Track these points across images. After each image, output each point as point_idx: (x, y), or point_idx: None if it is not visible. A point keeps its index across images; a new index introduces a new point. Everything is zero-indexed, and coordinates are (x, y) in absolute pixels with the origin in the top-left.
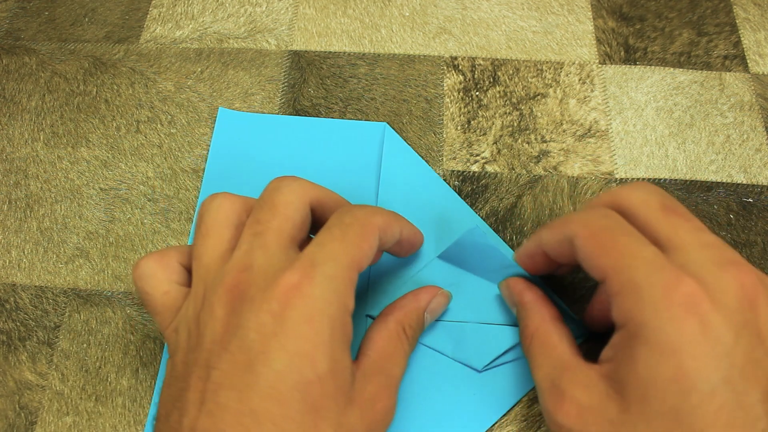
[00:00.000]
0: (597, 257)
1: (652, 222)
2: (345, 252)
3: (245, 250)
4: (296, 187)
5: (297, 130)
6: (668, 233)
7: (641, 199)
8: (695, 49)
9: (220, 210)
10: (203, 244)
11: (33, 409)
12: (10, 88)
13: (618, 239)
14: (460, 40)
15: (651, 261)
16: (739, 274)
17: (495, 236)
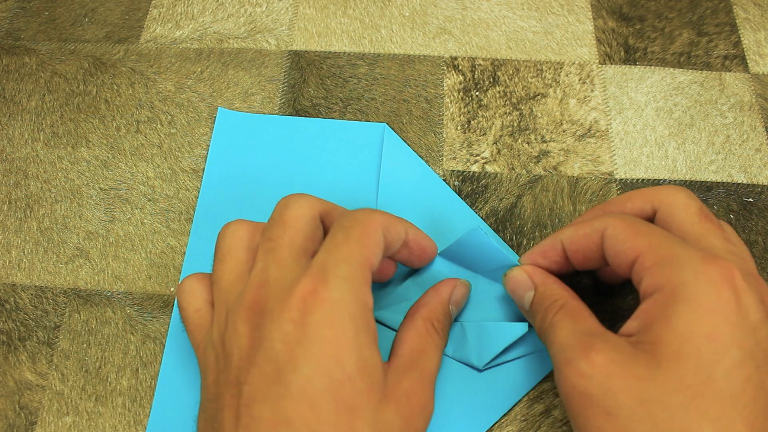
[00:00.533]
0: (632, 238)
1: (687, 225)
2: (353, 252)
3: (260, 268)
4: (304, 202)
5: (296, 130)
6: (701, 236)
7: (683, 201)
8: (695, 49)
9: (234, 235)
10: (221, 269)
11: (33, 409)
12: (10, 88)
13: (651, 226)
14: (460, 40)
15: (685, 243)
16: (758, 284)
17: (496, 237)
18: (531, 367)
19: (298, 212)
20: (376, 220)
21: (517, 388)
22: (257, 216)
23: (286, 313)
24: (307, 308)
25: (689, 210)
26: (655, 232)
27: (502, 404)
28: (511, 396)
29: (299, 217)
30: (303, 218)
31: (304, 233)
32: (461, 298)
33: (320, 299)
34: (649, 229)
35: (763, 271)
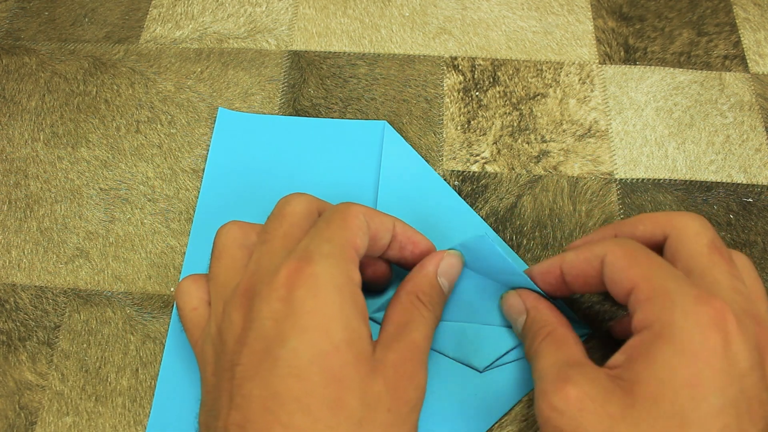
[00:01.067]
0: (628, 268)
1: (695, 256)
2: (334, 233)
3: (255, 259)
4: (302, 199)
5: (296, 130)
6: (706, 270)
7: (695, 230)
8: (695, 49)
9: (228, 234)
10: (216, 266)
11: (33, 409)
12: (10, 88)
13: (652, 256)
14: (460, 40)
15: (683, 278)
16: (757, 329)
17: (499, 240)
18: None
19: (297, 207)
20: (356, 207)
21: (518, 389)
22: (257, 216)
23: (274, 292)
24: (293, 284)
25: (700, 240)
26: (654, 263)
27: (502, 405)
28: (511, 397)
29: (297, 211)
30: (301, 213)
31: (299, 226)
32: (451, 269)
33: (304, 275)
34: (648, 259)
35: (763, 271)
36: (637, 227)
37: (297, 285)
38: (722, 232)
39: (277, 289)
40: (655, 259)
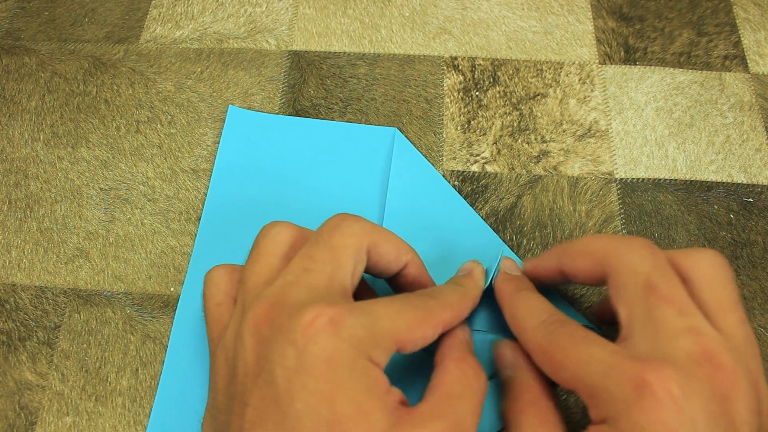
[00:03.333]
0: (554, 373)
1: (633, 300)
2: (391, 318)
3: (290, 282)
4: (357, 230)
5: (307, 131)
6: (643, 318)
7: (631, 269)
8: (695, 49)
9: (275, 238)
10: (251, 269)
11: (33, 409)
12: (10, 88)
13: (568, 352)
14: (460, 40)
15: (609, 362)
16: (713, 371)
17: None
18: None
19: (348, 240)
20: (441, 320)
21: None
22: (264, 216)
23: (291, 333)
24: (312, 336)
25: (635, 282)
26: (581, 358)
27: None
28: None
29: (348, 246)
30: (351, 249)
31: (346, 268)
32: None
33: (327, 330)
34: (564, 353)
35: (763, 271)
36: (577, 261)
37: (315, 339)
38: (722, 232)
39: (295, 330)
40: (569, 351)
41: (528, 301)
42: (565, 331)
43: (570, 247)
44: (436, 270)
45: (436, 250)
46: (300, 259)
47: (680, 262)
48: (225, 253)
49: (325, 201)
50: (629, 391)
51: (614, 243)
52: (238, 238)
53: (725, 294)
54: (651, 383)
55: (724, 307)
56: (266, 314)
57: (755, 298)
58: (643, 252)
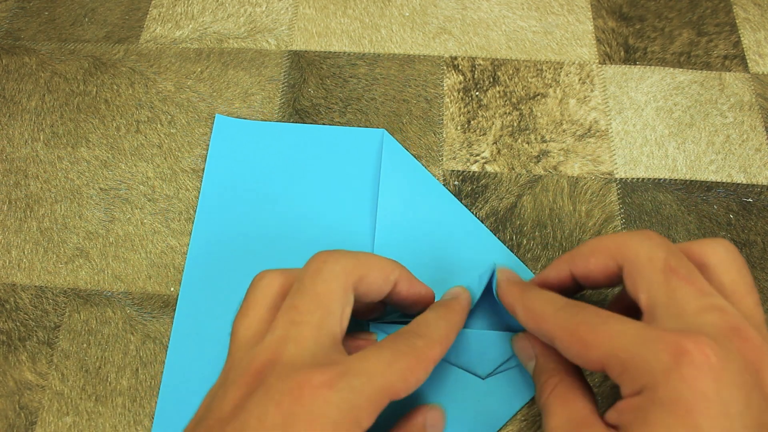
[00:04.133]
0: (588, 351)
1: (654, 286)
2: (383, 375)
3: (279, 337)
4: (340, 272)
5: (295, 136)
6: (670, 300)
7: (646, 256)
8: (695, 49)
9: (264, 290)
10: (240, 322)
11: (33, 409)
12: (10, 88)
13: (598, 329)
14: (460, 40)
15: (643, 335)
16: (743, 344)
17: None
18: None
19: (332, 284)
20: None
21: (521, 395)
22: (254, 223)
23: (278, 394)
24: (299, 399)
25: (654, 266)
26: (612, 333)
27: (505, 412)
28: (515, 403)
29: (333, 291)
30: (336, 293)
31: (336, 316)
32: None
33: (315, 396)
34: (595, 333)
35: (763, 271)
36: (590, 261)
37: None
38: (722, 232)
39: (282, 391)
40: (610, 328)
41: (541, 294)
42: (590, 311)
43: (580, 249)
44: (430, 270)
45: (429, 250)
46: (286, 312)
47: (694, 250)
48: (219, 257)
49: (316, 206)
50: (668, 359)
51: (626, 236)
52: (231, 244)
53: (741, 278)
54: (690, 351)
55: (741, 290)
56: (257, 372)
57: None
58: (656, 240)
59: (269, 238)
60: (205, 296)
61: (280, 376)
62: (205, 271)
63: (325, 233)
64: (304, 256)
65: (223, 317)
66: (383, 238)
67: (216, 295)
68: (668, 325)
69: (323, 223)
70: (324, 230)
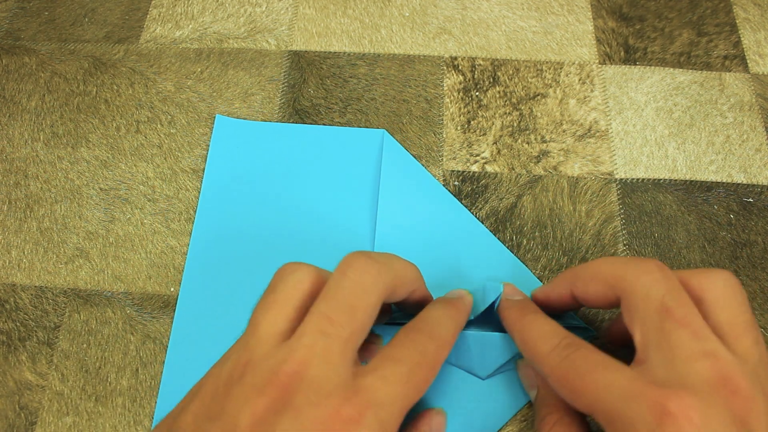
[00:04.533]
0: (573, 399)
1: (648, 325)
2: (405, 397)
3: (307, 347)
4: (380, 287)
5: (295, 137)
6: (658, 342)
7: (644, 293)
8: (695, 49)
9: (296, 286)
10: (264, 315)
11: (33, 409)
12: (10, 88)
13: (585, 378)
14: (460, 40)
15: (629, 389)
16: (730, 396)
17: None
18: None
19: (370, 299)
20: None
21: (520, 395)
22: (256, 225)
23: (307, 421)
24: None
25: (649, 306)
26: (599, 385)
27: (505, 412)
28: (514, 404)
29: (368, 306)
30: (372, 306)
31: (365, 327)
32: (440, 427)
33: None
34: (582, 379)
35: (762, 271)
36: (589, 286)
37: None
38: (722, 232)
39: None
40: (587, 376)
41: (537, 326)
42: (581, 356)
43: (582, 272)
44: (430, 270)
45: (429, 251)
46: (318, 319)
47: (693, 282)
48: (219, 257)
49: (316, 206)
50: (650, 419)
51: (627, 267)
52: (231, 244)
53: (740, 315)
54: (672, 411)
55: (739, 329)
56: (282, 385)
57: (755, 299)
58: (656, 275)
59: (269, 238)
60: (205, 296)
61: (309, 400)
62: (205, 271)
63: (325, 233)
64: (304, 256)
65: (223, 317)
66: (383, 239)
67: (216, 295)
68: (658, 371)
69: (323, 223)
70: (324, 230)
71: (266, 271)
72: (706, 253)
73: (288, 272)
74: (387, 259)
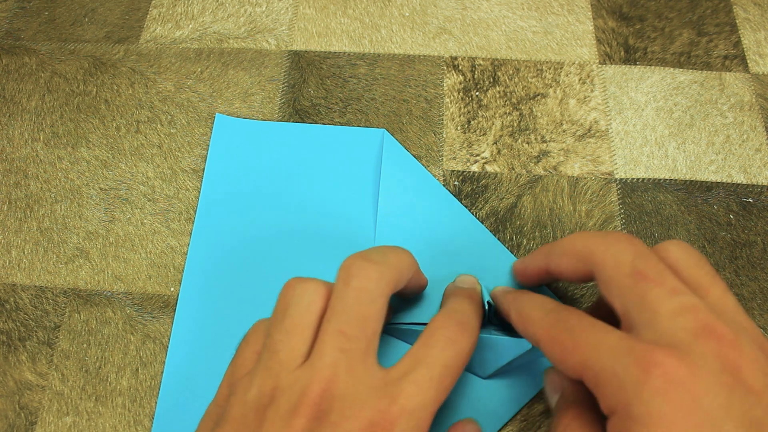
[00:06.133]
0: (563, 359)
1: (625, 291)
2: (435, 401)
3: (329, 365)
4: (385, 289)
5: (295, 136)
6: (638, 305)
7: (614, 262)
8: (695, 49)
9: (309, 307)
10: (284, 342)
11: (33, 409)
12: (10, 88)
13: (577, 336)
14: (460, 40)
15: (616, 346)
16: (716, 344)
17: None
18: (534, 374)
19: (377, 305)
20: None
21: (520, 395)
22: (256, 225)
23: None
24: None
25: (621, 271)
26: (589, 342)
27: (505, 411)
28: (515, 403)
29: (377, 311)
30: (380, 312)
31: (379, 332)
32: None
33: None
34: (573, 339)
35: (762, 271)
36: (562, 261)
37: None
38: (722, 233)
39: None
40: (579, 336)
41: (532, 298)
42: (574, 317)
43: (556, 247)
44: (430, 269)
45: (429, 250)
46: (334, 338)
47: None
48: (219, 257)
49: (316, 205)
50: (637, 373)
51: (595, 240)
52: (231, 244)
53: (702, 269)
54: (660, 363)
55: (706, 282)
56: (317, 405)
57: (755, 299)
58: (623, 244)
59: (269, 237)
60: (205, 296)
61: (343, 414)
62: (205, 271)
63: (325, 233)
64: (304, 256)
65: (223, 317)
66: (383, 238)
67: (216, 295)
68: (644, 334)
69: (323, 222)
70: (324, 230)
71: (266, 270)
72: (706, 253)
73: (299, 293)
74: (383, 257)
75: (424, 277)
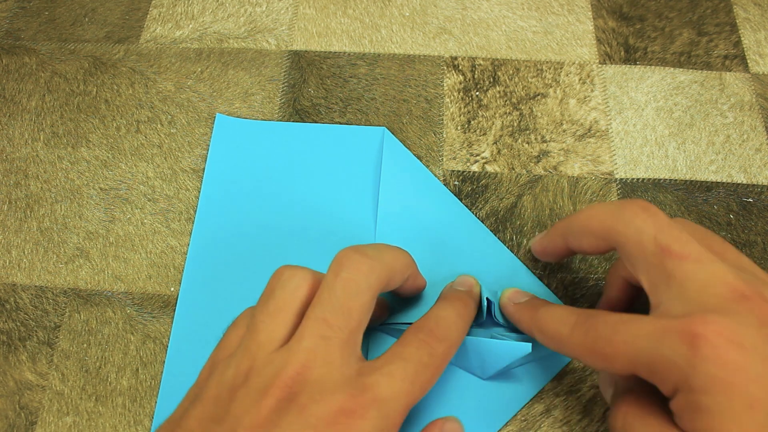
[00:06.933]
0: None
1: (650, 268)
2: (409, 394)
3: (307, 350)
4: (373, 283)
5: (295, 135)
6: (665, 280)
7: (637, 238)
8: (695, 49)
9: (294, 292)
10: (265, 323)
11: (33, 409)
12: (10, 88)
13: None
14: (460, 40)
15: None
16: (748, 302)
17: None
18: (535, 374)
19: (364, 298)
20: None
21: (520, 395)
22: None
23: (312, 418)
24: (333, 428)
25: (645, 250)
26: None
27: (505, 411)
28: (515, 403)
29: (365, 303)
30: (367, 305)
31: (363, 325)
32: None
33: (349, 426)
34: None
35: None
36: (583, 240)
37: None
38: (722, 232)
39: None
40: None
41: (550, 315)
42: (600, 322)
43: (572, 225)
44: (429, 269)
45: (429, 249)
46: (316, 324)
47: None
48: (219, 257)
49: (316, 204)
50: (684, 349)
51: (613, 216)
52: (231, 244)
53: (710, 239)
54: (701, 333)
55: (718, 247)
56: (288, 387)
57: None
58: (642, 217)
59: (269, 237)
60: (205, 296)
61: (313, 397)
62: (205, 271)
63: (325, 232)
64: (305, 255)
65: (223, 317)
66: (384, 237)
67: (216, 295)
68: (675, 308)
69: (324, 221)
70: (324, 228)
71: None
72: None
73: (285, 278)
74: (378, 252)
75: (423, 278)
